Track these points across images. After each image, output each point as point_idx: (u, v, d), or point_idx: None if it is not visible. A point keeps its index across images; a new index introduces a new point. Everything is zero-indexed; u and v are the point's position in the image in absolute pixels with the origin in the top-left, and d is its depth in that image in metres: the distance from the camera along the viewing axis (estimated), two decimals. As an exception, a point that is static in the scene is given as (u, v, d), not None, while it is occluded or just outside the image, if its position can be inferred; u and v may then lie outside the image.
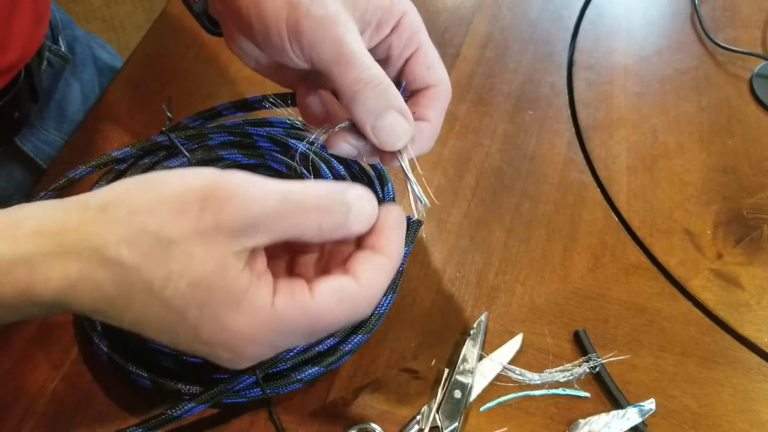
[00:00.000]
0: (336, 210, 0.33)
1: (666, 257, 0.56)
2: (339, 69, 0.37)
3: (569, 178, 0.61)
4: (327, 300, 0.33)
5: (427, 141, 0.41)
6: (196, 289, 0.31)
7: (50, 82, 0.69)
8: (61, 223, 0.31)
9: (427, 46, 0.42)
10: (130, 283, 0.31)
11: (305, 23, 0.37)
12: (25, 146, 0.66)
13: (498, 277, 0.55)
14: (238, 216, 0.31)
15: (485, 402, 0.49)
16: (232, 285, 0.32)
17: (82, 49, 0.75)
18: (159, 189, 0.32)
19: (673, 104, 0.67)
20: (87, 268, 0.31)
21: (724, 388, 0.50)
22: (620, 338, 0.52)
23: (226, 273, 0.31)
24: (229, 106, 0.57)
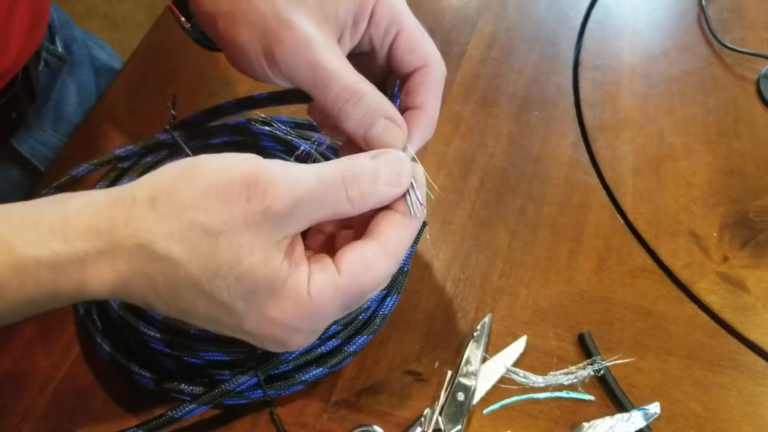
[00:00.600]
0: (363, 180, 0.34)
1: (672, 260, 0.56)
2: (318, 91, 0.38)
3: (575, 179, 0.61)
4: (353, 272, 0.34)
5: (426, 128, 0.40)
6: (243, 282, 0.32)
7: (47, 83, 0.69)
8: (110, 219, 0.32)
9: (410, 28, 0.41)
10: (179, 277, 0.32)
11: (277, 51, 0.37)
12: (22, 147, 0.66)
13: (502, 279, 0.55)
14: (282, 201, 0.32)
15: (488, 405, 0.49)
16: (275, 275, 0.32)
17: (80, 49, 0.74)
18: (204, 180, 0.32)
19: (680, 105, 0.66)
20: (137, 264, 0.32)
21: (729, 392, 0.49)
22: (625, 341, 0.52)
23: (270, 263, 0.32)
24: (234, 103, 0.57)
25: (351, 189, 0.34)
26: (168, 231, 0.31)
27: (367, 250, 0.35)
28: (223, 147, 0.57)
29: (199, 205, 0.31)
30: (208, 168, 0.33)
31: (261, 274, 0.32)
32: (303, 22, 0.37)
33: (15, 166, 0.66)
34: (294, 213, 0.32)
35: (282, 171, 0.32)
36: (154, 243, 0.31)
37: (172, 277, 0.32)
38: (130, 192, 0.33)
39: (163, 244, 0.31)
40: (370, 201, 0.35)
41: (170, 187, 0.32)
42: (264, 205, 0.31)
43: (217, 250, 0.31)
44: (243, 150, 0.55)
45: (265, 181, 0.32)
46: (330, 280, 0.34)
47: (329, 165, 0.34)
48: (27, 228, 0.32)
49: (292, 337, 0.35)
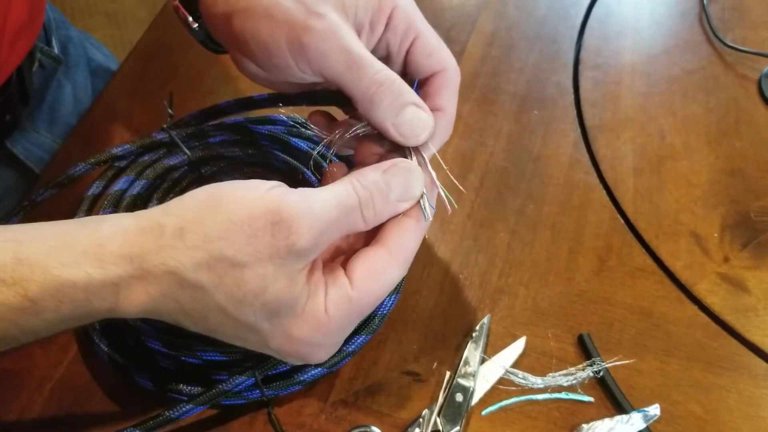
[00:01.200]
0: (377, 199, 0.36)
1: (672, 260, 0.55)
2: (351, 76, 0.38)
3: (575, 179, 0.60)
4: (366, 285, 0.36)
5: (444, 131, 0.41)
6: (268, 307, 0.34)
7: (41, 84, 0.68)
8: (141, 247, 0.33)
9: (426, 34, 0.41)
10: (207, 303, 0.34)
11: (308, 39, 0.37)
12: (16, 149, 0.65)
13: (501, 279, 0.55)
14: (305, 237, 0.33)
15: (487, 406, 0.48)
16: (297, 299, 0.35)
17: (76, 50, 0.74)
18: (228, 213, 0.34)
19: (681, 105, 0.66)
20: (168, 289, 0.34)
21: (730, 394, 0.49)
22: (625, 342, 0.51)
23: (293, 289, 0.34)
24: (233, 103, 0.56)
25: (366, 210, 0.36)
26: (197, 261, 0.33)
27: (378, 261, 0.37)
28: (221, 146, 0.56)
29: (226, 237, 0.33)
30: (232, 200, 0.34)
31: (284, 299, 0.34)
32: (330, 14, 0.38)
33: (9, 168, 0.66)
34: (317, 245, 0.35)
35: (304, 205, 0.34)
36: (183, 271, 0.33)
37: (201, 302, 0.34)
38: (158, 221, 0.34)
39: (192, 273, 0.33)
40: (384, 216, 0.37)
41: (196, 218, 0.34)
42: (289, 241, 0.33)
43: (243, 279, 0.33)
44: (241, 148, 0.56)
45: (289, 218, 0.33)
46: (344, 296, 0.36)
47: (344, 187, 0.36)
48: (62, 250, 0.33)
49: (314, 352, 0.37)
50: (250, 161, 0.57)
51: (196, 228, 0.33)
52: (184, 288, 0.33)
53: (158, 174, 0.55)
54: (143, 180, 0.55)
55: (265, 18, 0.39)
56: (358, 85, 0.38)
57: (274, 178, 0.57)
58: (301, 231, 0.33)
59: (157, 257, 0.33)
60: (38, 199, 0.55)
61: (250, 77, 0.44)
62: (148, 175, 0.55)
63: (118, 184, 0.54)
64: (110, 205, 0.53)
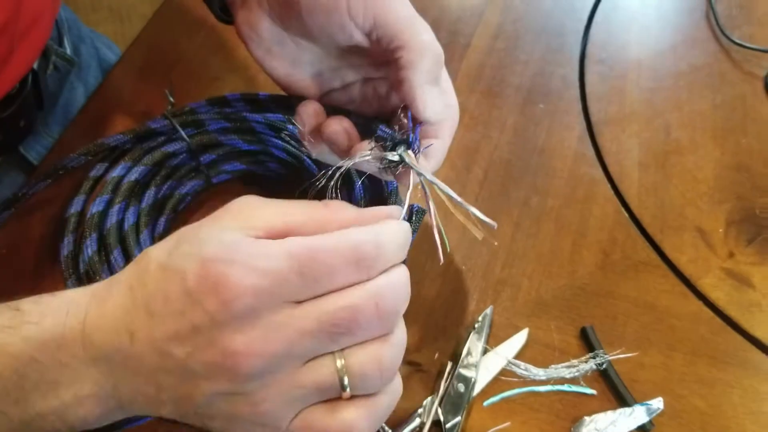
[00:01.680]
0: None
1: (677, 255, 0.55)
2: (410, 30, 0.39)
3: (579, 172, 0.60)
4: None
5: (436, 159, 0.43)
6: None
7: (55, 87, 0.68)
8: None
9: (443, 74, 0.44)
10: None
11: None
12: (29, 153, 0.64)
13: (504, 271, 0.54)
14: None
15: (489, 397, 0.48)
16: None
17: (88, 50, 0.73)
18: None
19: (687, 100, 0.65)
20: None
21: (733, 390, 0.49)
22: (628, 336, 0.51)
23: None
24: (240, 98, 0.55)
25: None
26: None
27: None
28: (219, 133, 0.56)
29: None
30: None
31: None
32: None
33: (23, 173, 0.65)
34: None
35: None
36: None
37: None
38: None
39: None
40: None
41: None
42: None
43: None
44: (239, 135, 0.55)
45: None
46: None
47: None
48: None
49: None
50: (250, 149, 0.57)
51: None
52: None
53: (157, 160, 0.54)
54: (142, 166, 0.54)
55: None
56: (414, 37, 0.39)
57: (274, 165, 0.57)
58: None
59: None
60: (31, 192, 0.54)
61: (251, 42, 0.44)
62: (147, 161, 0.54)
63: (116, 170, 0.54)
64: (108, 191, 0.52)
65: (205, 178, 0.56)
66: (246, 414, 0.32)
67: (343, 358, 0.31)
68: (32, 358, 0.32)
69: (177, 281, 0.31)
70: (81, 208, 0.53)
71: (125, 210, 0.52)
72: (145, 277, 0.33)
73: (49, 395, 0.32)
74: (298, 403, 0.32)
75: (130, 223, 0.51)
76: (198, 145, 0.55)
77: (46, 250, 0.55)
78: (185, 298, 0.30)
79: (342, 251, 0.31)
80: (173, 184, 0.55)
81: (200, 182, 0.57)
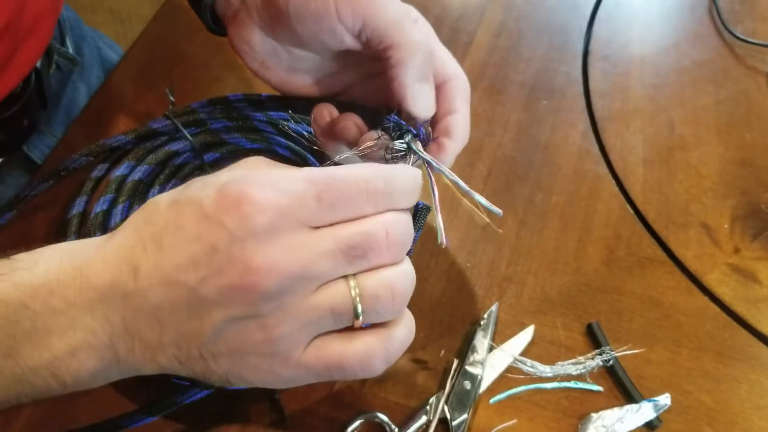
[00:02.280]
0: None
1: (682, 251, 0.55)
2: (399, 30, 0.39)
3: (584, 169, 0.60)
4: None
5: (462, 132, 0.43)
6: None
7: (58, 86, 0.68)
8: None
9: (439, 47, 0.44)
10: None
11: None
12: (32, 153, 0.64)
13: (510, 268, 0.54)
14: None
15: (495, 394, 0.48)
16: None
17: (90, 50, 0.73)
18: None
19: (691, 96, 0.65)
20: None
21: (740, 385, 0.49)
22: (635, 332, 0.51)
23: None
24: (242, 98, 0.55)
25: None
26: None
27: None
28: (223, 131, 0.56)
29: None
30: None
31: None
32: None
33: (26, 172, 0.65)
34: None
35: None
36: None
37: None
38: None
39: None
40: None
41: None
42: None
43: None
44: (243, 134, 0.55)
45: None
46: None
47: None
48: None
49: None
50: (253, 147, 0.57)
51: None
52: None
53: (160, 159, 0.55)
54: (145, 165, 0.54)
55: None
56: (404, 37, 0.39)
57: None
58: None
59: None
60: (32, 193, 0.54)
61: (246, 54, 0.44)
62: (151, 160, 0.54)
63: (119, 169, 0.54)
64: (112, 190, 0.52)
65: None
66: (258, 341, 0.31)
67: (356, 281, 0.32)
68: (23, 304, 0.31)
69: (191, 210, 0.31)
70: (83, 208, 0.53)
71: (129, 209, 0.52)
72: (153, 216, 0.32)
73: (42, 346, 0.31)
74: (312, 327, 0.32)
75: (135, 222, 0.51)
76: (201, 144, 0.55)
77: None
78: (201, 223, 0.31)
79: (356, 182, 0.32)
80: (177, 183, 0.55)
81: (204, 181, 0.56)
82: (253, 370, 0.33)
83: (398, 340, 0.34)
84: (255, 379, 0.33)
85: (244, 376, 0.33)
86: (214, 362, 0.33)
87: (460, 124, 0.42)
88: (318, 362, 0.33)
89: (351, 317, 0.32)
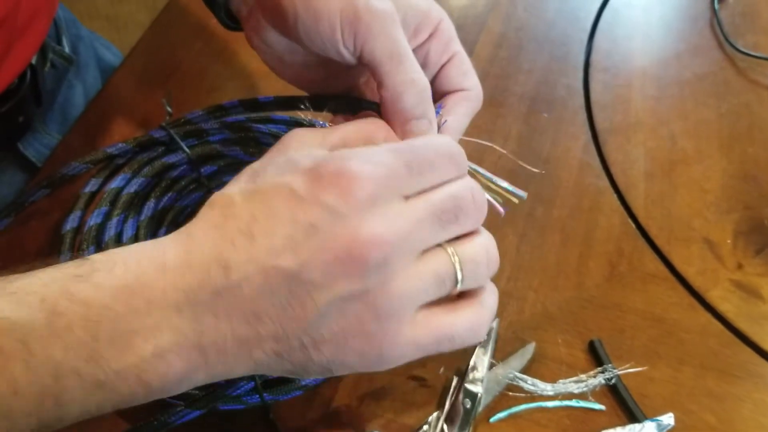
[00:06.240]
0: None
1: (685, 266, 0.54)
2: (391, 66, 0.37)
3: (585, 182, 0.59)
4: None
5: (453, 136, 0.42)
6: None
7: (53, 85, 0.67)
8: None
9: (462, 54, 0.43)
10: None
11: (365, 17, 0.37)
12: (28, 151, 0.64)
13: (510, 283, 0.53)
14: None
15: (495, 412, 0.47)
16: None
17: (86, 49, 0.73)
18: None
19: (692, 109, 0.65)
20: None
21: (744, 404, 0.48)
22: (637, 349, 0.50)
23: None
24: (238, 104, 0.55)
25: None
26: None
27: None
28: (221, 144, 0.55)
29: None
30: None
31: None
32: (389, 2, 0.38)
33: (20, 170, 0.64)
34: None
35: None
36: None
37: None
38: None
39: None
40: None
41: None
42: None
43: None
44: (242, 147, 0.55)
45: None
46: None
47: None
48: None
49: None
50: (251, 160, 0.56)
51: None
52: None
53: (156, 172, 0.54)
54: (141, 178, 0.53)
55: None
56: (394, 75, 0.37)
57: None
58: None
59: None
60: (29, 200, 0.53)
61: (263, 52, 0.44)
62: (146, 173, 0.53)
63: (115, 181, 0.53)
64: (106, 203, 0.51)
65: (206, 190, 0.56)
66: (366, 320, 0.31)
67: (453, 248, 0.33)
68: (104, 305, 0.30)
69: (282, 194, 0.31)
70: (77, 224, 0.52)
71: (124, 222, 0.51)
72: (232, 209, 0.32)
73: (126, 349, 0.30)
74: (417, 297, 0.32)
75: (129, 235, 0.50)
76: (198, 157, 0.54)
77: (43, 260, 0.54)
78: (297, 205, 0.31)
79: (437, 147, 0.34)
80: (173, 196, 0.54)
81: (201, 194, 0.56)
82: (359, 354, 0.32)
83: (492, 305, 0.36)
84: (359, 364, 0.33)
85: (348, 361, 0.32)
86: (317, 351, 0.31)
87: (450, 128, 0.41)
88: (428, 335, 0.33)
89: (453, 283, 0.33)
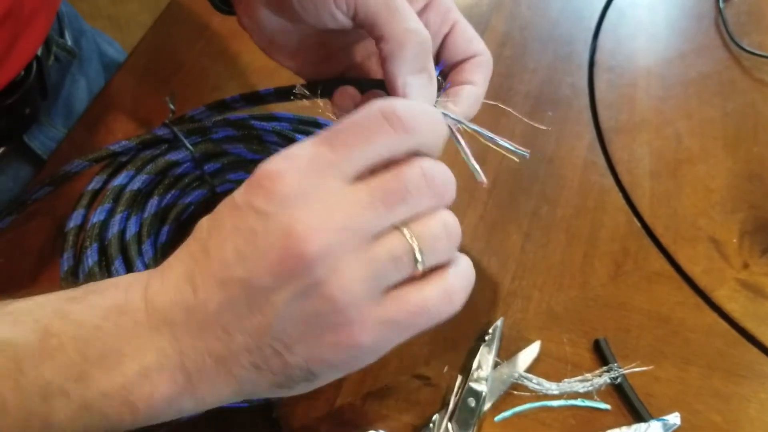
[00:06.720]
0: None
1: (690, 266, 0.54)
2: (388, 15, 0.37)
3: (590, 181, 0.59)
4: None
5: (474, 104, 0.41)
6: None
7: (57, 78, 0.67)
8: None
9: (464, 22, 0.42)
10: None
11: None
12: (33, 143, 0.64)
13: (515, 282, 0.53)
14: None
15: (500, 411, 0.47)
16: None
17: (88, 44, 0.73)
18: None
19: (697, 108, 0.64)
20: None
21: (750, 404, 0.47)
22: (642, 349, 0.50)
23: None
24: (239, 98, 0.55)
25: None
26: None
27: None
28: (224, 142, 0.55)
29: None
30: None
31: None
32: None
33: (26, 163, 0.64)
34: None
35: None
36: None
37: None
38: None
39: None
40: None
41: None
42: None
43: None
44: (245, 144, 0.54)
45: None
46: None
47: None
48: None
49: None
50: (255, 158, 0.56)
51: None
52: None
53: (160, 169, 0.53)
54: (144, 175, 0.53)
55: None
56: (393, 26, 0.37)
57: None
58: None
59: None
60: (32, 198, 0.53)
61: (254, 32, 0.43)
62: (150, 170, 0.53)
63: (118, 178, 0.52)
64: (110, 200, 0.51)
65: (209, 187, 0.55)
66: (326, 312, 0.30)
67: (407, 227, 0.31)
68: (96, 326, 0.31)
69: (227, 207, 0.32)
70: (81, 221, 0.51)
71: (127, 219, 0.51)
72: (198, 231, 0.32)
73: (114, 369, 0.30)
74: (375, 281, 0.30)
75: (132, 232, 0.50)
76: (202, 154, 0.54)
77: (45, 257, 0.54)
78: (236, 214, 0.31)
79: (363, 120, 0.31)
80: (176, 193, 0.54)
81: (204, 191, 0.55)
82: (334, 348, 0.31)
83: (464, 271, 0.34)
84: (339, 359, 0.31)
85: (327, 358, 0.31)
86: (290, 353, 0.31)
87: (471, 95, 0.41)
88: (400, 312, 0.31)
89: (412, 261, 0.31)
